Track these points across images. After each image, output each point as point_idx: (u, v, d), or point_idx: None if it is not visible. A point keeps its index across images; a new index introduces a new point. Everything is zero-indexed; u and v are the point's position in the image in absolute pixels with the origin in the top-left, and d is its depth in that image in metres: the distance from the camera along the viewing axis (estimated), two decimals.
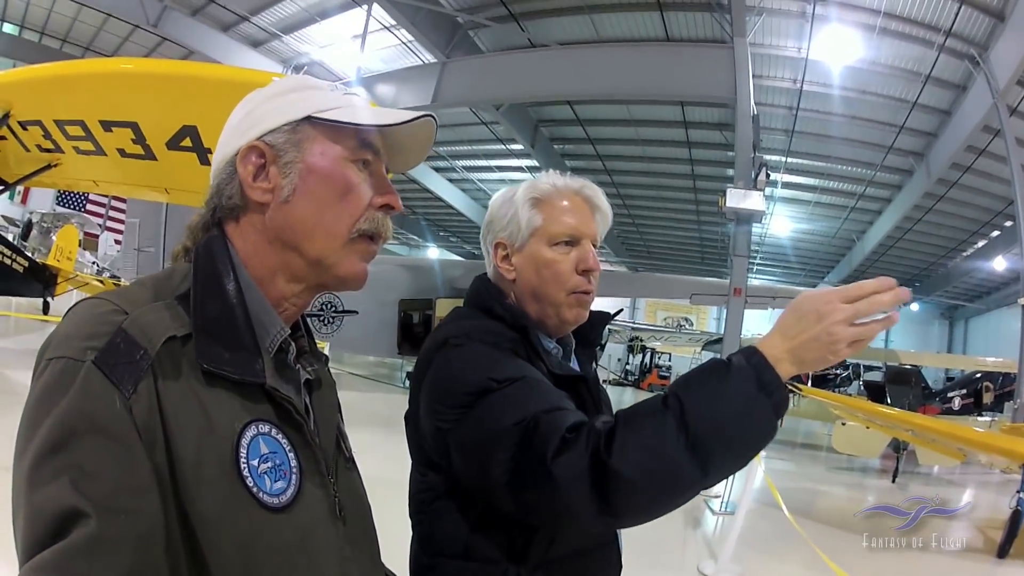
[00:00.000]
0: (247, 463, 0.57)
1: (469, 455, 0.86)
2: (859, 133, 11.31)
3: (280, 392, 0.62)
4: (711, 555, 4.14)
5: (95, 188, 5.96)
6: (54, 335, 0.56)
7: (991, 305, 19.68)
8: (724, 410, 0.71)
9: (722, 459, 0.73)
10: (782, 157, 12.24)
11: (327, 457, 0.68)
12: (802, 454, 10.72)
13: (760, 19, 8.79)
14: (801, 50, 9.57)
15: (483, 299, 1.04)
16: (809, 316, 0.71)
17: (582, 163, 14.99)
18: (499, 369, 0.87)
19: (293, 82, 0.70)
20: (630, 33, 9.67)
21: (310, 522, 0.62)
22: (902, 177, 12.80)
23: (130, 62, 4.48)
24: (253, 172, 0.65)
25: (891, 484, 8.19)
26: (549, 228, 1.01)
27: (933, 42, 8.65)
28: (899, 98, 10.19)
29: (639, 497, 0.73)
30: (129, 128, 3.65)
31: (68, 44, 14.81)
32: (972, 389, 11.82)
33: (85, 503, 0.48)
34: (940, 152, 10.82)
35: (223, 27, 11.62)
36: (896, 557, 4.39)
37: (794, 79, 10.32)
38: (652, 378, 20.92)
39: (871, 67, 9.57)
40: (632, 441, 0.72)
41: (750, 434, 0.73)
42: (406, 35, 10.02)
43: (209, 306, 0.60)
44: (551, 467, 0.74)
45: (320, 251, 0.65)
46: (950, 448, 6.19)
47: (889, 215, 14.06)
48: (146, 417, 0.53)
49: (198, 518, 0.54)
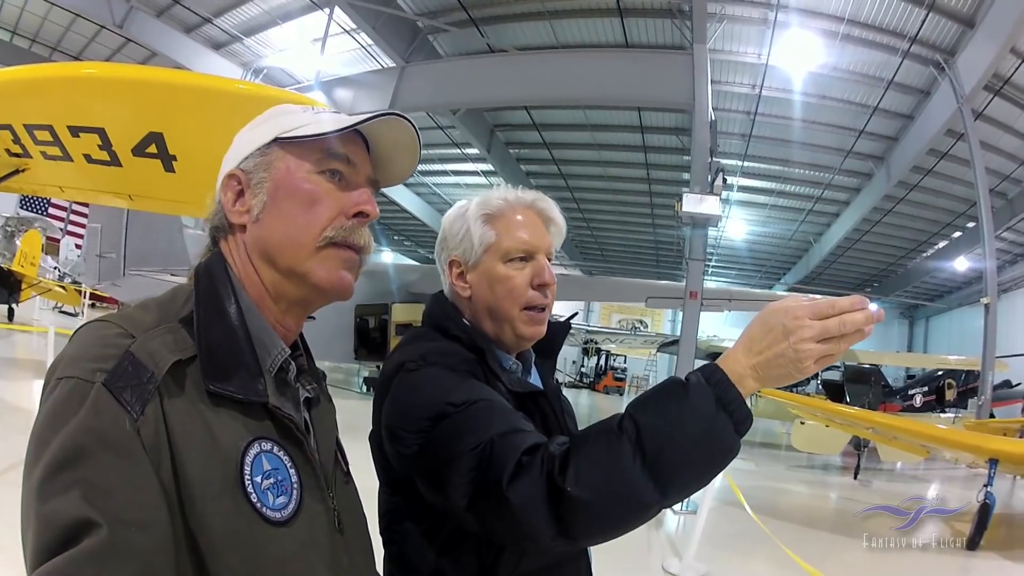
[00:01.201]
0: (251, 480, 0.59)
1: (430, 479, 0.86)
2: (818, 137, 11.52)
3: (282, 411, 0.64)
4: (675, 553, 4.19)
5: (61, 194, 5.87)
6: (63, 356, 0.58)
7: (952, 304, 20.10)
8: (682, 431, 0.69)
9: (682, 480, 0.71)
10: (739, 161, 12.41)
11: (326, 472, 0.71)
12: (761, 453, 10.92)
13: (721, 26, 8.93)
14: (761, 56, 9.72)
15: (439, 319, 1.04)
16: (776, 331, 0.69)
17: (537, 167, 15.06)
18: (455, 393, 0.87)
19: (270, 112, 0.74)
20: (590, 39, 9.78)
21: (311, 535, 0.64)
22: (861, 180, 13.08)
23: (100, 66, 4.44)
24: (233, 198, 0.70)
25: (853, 481, 8.39)
26: (503, 244, 1.00)
27: (897, 48, 8.86)
28: (860, 103, 10.41)
29: (596, 520, 0.72)
30: (96, 134, 3.63)
31: (37, 44, 14.64)
32: (934, 387, 12.12)
33: (96, 514, 0.49)
34: (901, 155, 11.08)
35: (186, 29, 11.51)
36: (864, 552, 4.46)
37: (753, 84, 10.48)
38: (607, 380, 21.02)
39: (832, 72, 9.76)
40: (586, 465, 0.71)
41: (711, 454, 0.71)
42: (366, 39, 10.01)
43: (212, 329, 0.63)
44: (507, 493, 0.74)
45: (290, 261, 0.68)
46: (913, 445, 6.32)
47: (847, 217, 14.33)
48: (153, 438, 0.55)
49: (204, 533, 0.56)
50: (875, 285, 19.69)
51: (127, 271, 9.02)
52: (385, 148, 0.75)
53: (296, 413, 0.68)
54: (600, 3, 9.18)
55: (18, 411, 5.70)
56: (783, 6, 8.74)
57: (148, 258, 8.99)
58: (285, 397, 0.68)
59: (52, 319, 13.01)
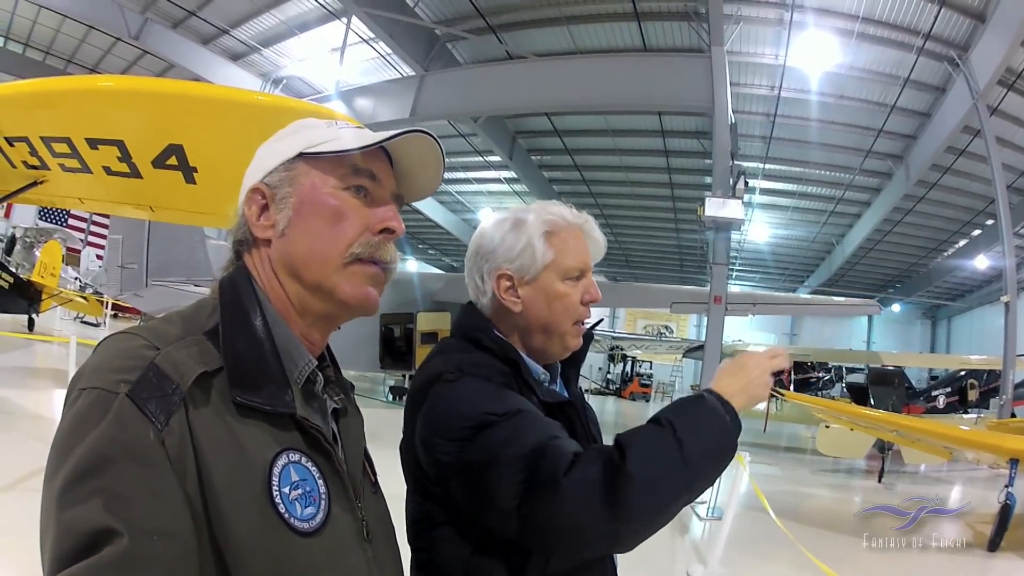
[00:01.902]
0: (279, 490, 0.59)
1: (472, 484, 0.89)
2: (837, 138, 11.42)
3: (309, 422, 0.64)
4: (700, 560, 4.19)
5: (80, 205, 5.90)
6: (86, 366, 0.58)
7: (973, 303, 19.88)
8: (706, 429, 0.87)
9: (706, 468, 0.87)
10: (760, 164, 12.33)
11: (354, 482, 0.70)
12: (786, 457, 10.82)
13: (738, 27, 8.84)
14: (779, 57, 9.65)
15: (470, 330, 1.06)
16: (749, 370, 0.95)
17: (560, 174, 15.03)
18: (496, 403, 0.91)
19: (295, 125, 0.74)
20: (608, 44, 9.73)
21: (339, 545, 0.64)
22: (881, 180, 12.94)
23: (118, 79, 4.47)
24: (257, 212, 0.69)
25: (877, 484, 8.27)
26: (563, 262, 1.04)
27: (912, 45, 8.76)
28: (878, 102, 10.30)
29: (649, 498, 0.82)
30: (115, 146, 3.63)
31: (51, 56, 14.84)
32: (957, 387, 11.95)
33: (118, 523, 0.49)
34: (920, 154, 10.94)
35: (203, 40, 11.59)
36: (886, 555, 4.45)
37: (772, 86, 10.41)
38: (633, 387, 20.89)
39: (849, 72, 9.66)
40: (643, 450, 0.84)
41: (724, 448, 0.88)
42: (385, 48, 10.03)
43: (238, 341, 0.62)
44: (563, 482, 0.82)
45: (316, 277, 0.68)
46: (936, 446, 6.28)
47: (868, 218, 14.19)
48: (178, 449, 0.54)
49: (231, 543, 0.56)
50: (897, 286, 19.49)
51: (149, 281, 9.06)
52: (409, 163, 0.75)
53: (324, 424, 0.68)
54: (617, 7, 9.15)
55: (38, 419, 5.70)
56: (798, 6, 8.67)
57: (170, 268, 9.04)
58: (313, 408, 0.68)
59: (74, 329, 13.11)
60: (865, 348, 19.70)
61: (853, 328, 22.79)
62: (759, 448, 10.75)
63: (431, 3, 9.34)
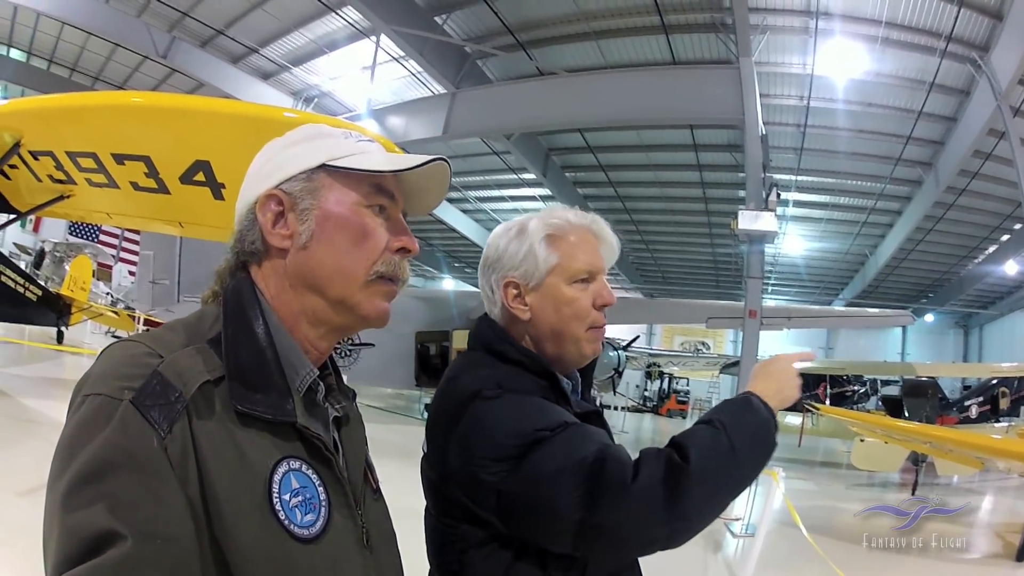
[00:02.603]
0: (279, 497, 0.60)
1: (527, 503, 0.88)
2: (868, 147, 11.28)
3: (310, 430, 0.64)
4: None
5: (108, 220, 5.95)
6: (90, 373, 0.58)
7: (1004, 310, 19.50)
8: (754, 429, 0.93)
9: (754, 465, 0.93)
10: (792, 176, 12.19)
11: (355, 490, 0.70)
12: (822, 472, 10.67)
13: (764, 37, 8.78)
14: (806, 66, 9.56)
15: (492, 342, 1.02)
16: (781, 373, 1.02)
17: (594, 190, 14.99)
18: (544, 419, 0.90)
19: (309, 131, 0.73)
20: (637, 57, 9.70)
21: (339, 552, 0.64)
22: (911, 188, 12.74)
23: (142, 96, 4.48)
24: (272, 219, 0.68)
25: (911, 497, 8.12)
26: (568, 266, 1.01)
27: (935, 48, 8.63)
28: (905, 108, 10.17)
29: (708, 496, 0.87)
30: (142, 162, 3.66)
31: (77, 73, 15.00)
32: (988, 396, 11.74)
33: (121, 526, 0.49)
34: (948, 159, 10.74)
35: (232, 59, 11.75)
36: (913, 565, 4.42)
37: (801, 96, 10.31)
38: (671, 403, 20.65)
39: (876, 79, 9.55)
40: (702, 448, 0.88)
41: (769, 446, 0.94)
42: (415, 66, 10.06)
43: (241, 350, 0.63)
44: (631, 487, 0.84)
45: (341, 293, 0.68)
46: (968, 457, 6.18)
47: (900, 227, 13.97)
48: (180, 457, 0.55)
49: (232, 549, 0.56)
50: (930, 296, 19.17)
51: (181, 297, 9.16)
52: (415, 183, 0.75)
53: (324, 432, 0.68)
54: (645, 21, 9.11)
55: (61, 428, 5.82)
56: (823, 13, 8.57)
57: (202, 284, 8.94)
58: (314, 416, 0.68)
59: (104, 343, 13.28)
60: (900, 359, 19.38)
61: (888, 340, 22.53)
62: (795, 464, 10.58)
63: (460, 20, 9.38)
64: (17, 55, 14.72)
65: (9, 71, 14.38)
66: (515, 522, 0.90)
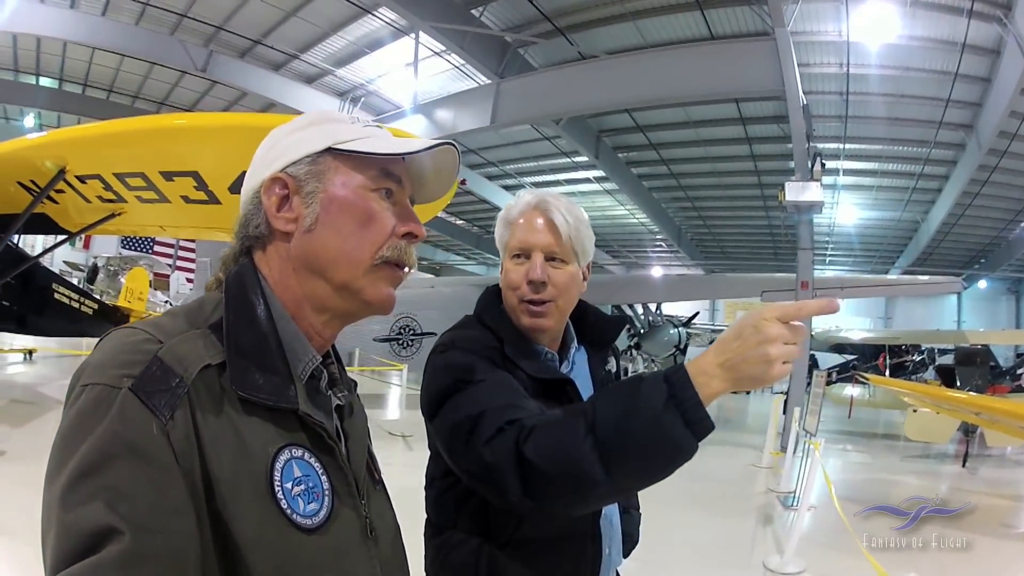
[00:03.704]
0: (281, 486, 0.59)
1: (441, 444, 1.00)
2: (909, 111, 11.03)
3: (313, 418, 0.64)
4: (777, 550, 4.21)
5: (163, 232, 6.18)
6: (88, 363, 0.57)
7: None
8: (630, 420, 0.75)
9: (628, 466, 0.76)
10: (839, 144, 11.98)
11: (358, 480, 0.70)
12: (880, 445, 10.50)
13: (797, 6, 8.68)
14: (842, 33, 9.39)
15: (479, 309, 1.19)
16: (745, 333, 0.72)
17: (647, 169, 14.95)
18: (468, 373, 1.00)
19: (314, 116, 0.72)
20: (675, 35, 9.66)
21: (342, 542, 0.64)
22: (956, 152, 12.42)
23: (183, 117, 4.59)
24: (277, 203, 0.68)
25: (961, 469, 7.93)
26: (509, 243, 1.15)
27: (962, 8, 8.41)
28: (941, 71, 9.91)
29: (548, 485, 0.82)
30: (190, 177, 3.77)
31: (115, 94, 15.15)
32: None
33: (120, 521, 0.49)
34: (987, 121, 10.45)
35: (274, 67, 11.94)
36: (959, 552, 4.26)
37: (840, 63, 10.13)
38: None
39: (909, 42, 9.34)
40: (543, 436, 0.83)
41: (658, 446, 0.74)
42: (457, 59, 10.17)
43: (242, 334, 0.62)
44: (481, 451, 0.88)
45: (345, 277, 0.67)
46: (1013, 427, 5.98)
47: (948, 192, 13.62)
48: (183, 443, 0.54)
49: (234, 539, 0.55)
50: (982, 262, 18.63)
51: None
52: (423, 170, 0.75)
53: (327, 420, 0.67)
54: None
55: None
56: None
57: None
58: (316, 404, 0.67)
59: None
60: (956, 328, 18.90)
61: (944, 308, 22.03)
62: (855, 435, 10.48)
63: (497, 11, 9.46)
64: (48, 83, 14.91)
65: (42, 99, 14.62)
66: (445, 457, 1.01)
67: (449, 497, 1.09)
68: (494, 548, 1.03)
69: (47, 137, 4.37)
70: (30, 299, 6.84)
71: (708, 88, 9.22)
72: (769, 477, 6.63)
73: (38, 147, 4.07)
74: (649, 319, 12.68)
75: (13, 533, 3.09)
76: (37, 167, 4.12)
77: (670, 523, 4.37)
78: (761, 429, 8.74)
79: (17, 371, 8.99)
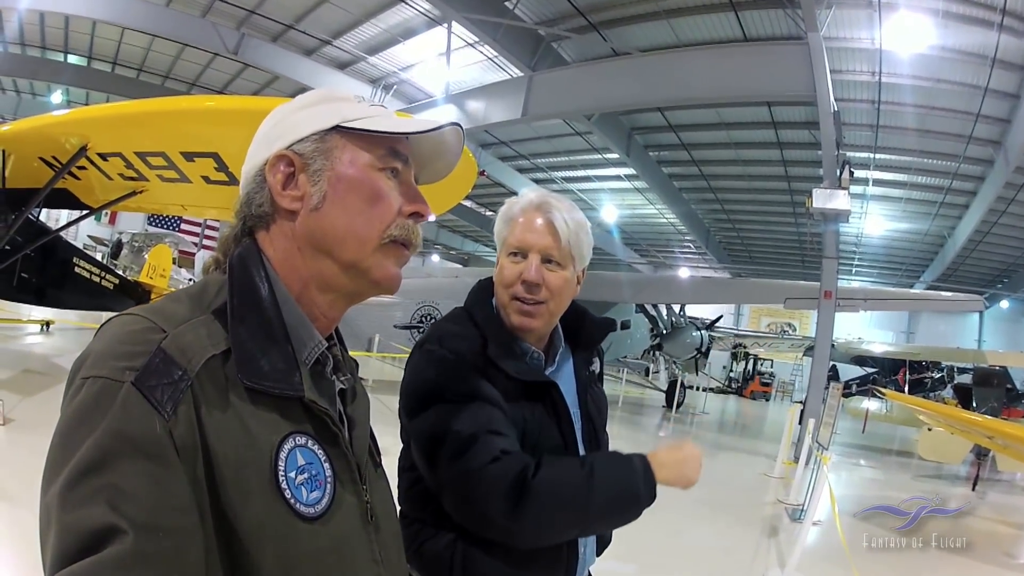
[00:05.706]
0: (284, 475, 0.58)
1: (419, 449, 1.04)
2: (939, 124, 10.91)
3: (318, 405, 0.63)
4: (780, 564, 4.14)
5: (184, 212, 6.13)
6: (88, 353, 0.55)
7: None
8: (619, 484, 1.00)
9: (604, 515, 1.02)
10: (870, 153, 11.88)
11: (360, 465, 0.69)
12: (893, 462, 10.34)
13: (830, 12, 8.62)
14: (874, 40, 9.32)
15: (470, 303, 1.18)
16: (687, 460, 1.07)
17: (678, 169, 14.93)
18: (454, 382, 1.03)
19: (320, 94, 0.71)
20: (709, 35, 9.63)
21: (344, 529, 0.63)
22: (984, 167, 12.25)
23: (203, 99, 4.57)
24: (282, 180, 0.66)
25: (971, 492, 7.78)
26: (507, 239, 1.15)
27: (992, 22, 8.32)
28: (972, 84, 9.79)
29: (542, 516, 0.96)
30: (211, 158, 3.79)
31: (145, 73, 15.25)
32: None
33: (121, 521, 0.48)
34: (1015, 138, 10.30)
35: (306, 52, 12.01)
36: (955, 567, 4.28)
37: (872, 71, 10.04)
38: (754, 385, 20.48)
39: (941, 53, 9.24)
40: (553, 475, 0.98)
41: (627, 507, 1.01)
42: (490, 51, 10.21)
43: (247, 322, 0.61)
44: (472, 472, 0.96)
45: (353, 256, 0.66)
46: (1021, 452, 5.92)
47: (975, 208, 13.44)
48: (186, 438, 0.53)
49: (238, 531, 0.55)
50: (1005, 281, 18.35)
51: None
52: (429, 150, 0.74)
53: (331, 406, 0.67)
54: None
55: None
56: None
57: None
58: (321, 390, 0.66)
59: None
60: (976, 347, 18.66)
61: (965, 326, 21.82)
62: (868, 452, 10.36)
63: (530, 4, 9.49)
64: (76, 60, 14.96)
65: (68, 75, 14.71)
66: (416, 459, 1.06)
67: (419, 491, 1.09)
68: (468, 544, 1.04)
69: (70, 115, 4.41)
70: (50, 272, 6.83)
71: (740, 89, 9.17)
72: (779, 488, 6.55)
73: (61, 124, 4.12)
74: (672, 320, 12.54)
75: (17, 500, 3.11)
76: (60, 143, 4.17)
77: (675, 528, 4.35)
78: (777, 437, 8.62)
79: (34, 342, 9.10)
